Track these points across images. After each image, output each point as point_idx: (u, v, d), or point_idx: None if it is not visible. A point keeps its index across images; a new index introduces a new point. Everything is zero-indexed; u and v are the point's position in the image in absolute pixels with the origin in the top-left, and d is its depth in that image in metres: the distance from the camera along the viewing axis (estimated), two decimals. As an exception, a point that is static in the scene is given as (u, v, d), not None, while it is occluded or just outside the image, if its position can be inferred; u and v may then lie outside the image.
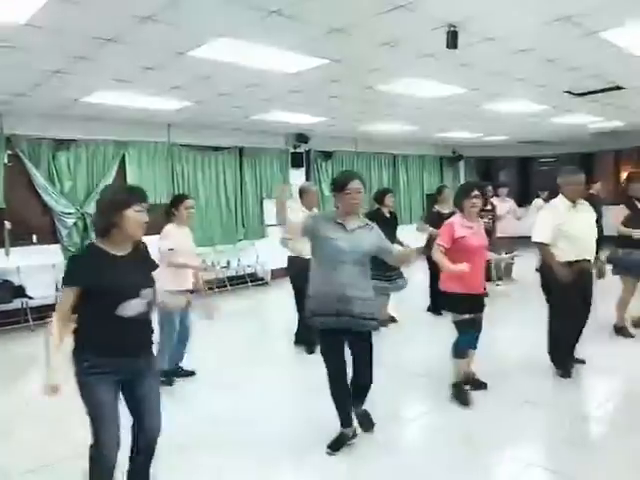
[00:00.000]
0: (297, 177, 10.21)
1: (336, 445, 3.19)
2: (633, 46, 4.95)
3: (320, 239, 3.13)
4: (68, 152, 7.50)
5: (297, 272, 4.86)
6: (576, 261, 4.15)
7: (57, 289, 6.77)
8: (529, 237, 4.34)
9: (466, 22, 4.10)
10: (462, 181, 14.12)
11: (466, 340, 3.88)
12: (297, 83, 5.90)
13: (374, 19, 3.95)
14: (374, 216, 5.10)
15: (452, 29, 4.16)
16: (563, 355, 4.34)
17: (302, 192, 5.32)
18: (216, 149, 9.18)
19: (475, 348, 3.97)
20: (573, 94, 7.22)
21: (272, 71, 5.31)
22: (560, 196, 4.34)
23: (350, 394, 3.27)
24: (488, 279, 7.15)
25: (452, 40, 4.19)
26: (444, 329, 4.24)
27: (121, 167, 8.08)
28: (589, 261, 4.26)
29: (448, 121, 9.37)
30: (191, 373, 4.71)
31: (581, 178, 4.26)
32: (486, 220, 6.86)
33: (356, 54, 4.88)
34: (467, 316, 3.81)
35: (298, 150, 10.29)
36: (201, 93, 6.25)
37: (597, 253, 4.61)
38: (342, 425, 3.25)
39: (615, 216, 5.44)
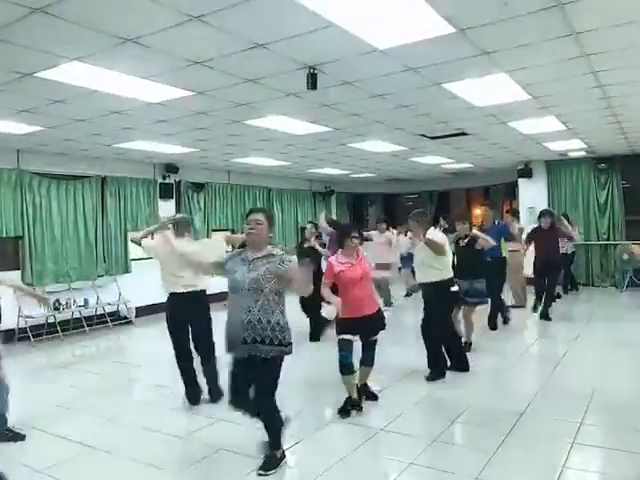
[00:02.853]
0: (166, 209, 9.84)
1: None
2: (472, 98, 5.56)
3: (229, 274, 3.34)
4: None
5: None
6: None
7: None
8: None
9: (324, 65, 4.31)
10: (334, 215, 14.67)
11: (341, 357, 4.20)
12: (161, 113, 5.73)
13: (235, 55, 3.98)
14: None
15: (312, 71, 4.34)
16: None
17: None
18: (75, 178, 8.52)
19: (369, 365, 4.39)
20: (427, 137, 7.89)
21: (133, 99, 5.09)
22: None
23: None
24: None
25: (312, 81, 4.37)
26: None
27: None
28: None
29: (318, 158, 9.71)
30: (19, 437, 3.97)
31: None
32: None
33: (220, 88, 4.86)
34: (346, 336, 4.20)
35: (167, 181, 9.95)
36: (54, 118, 5.78)
37: None
38: None
39: None
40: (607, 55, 4.25)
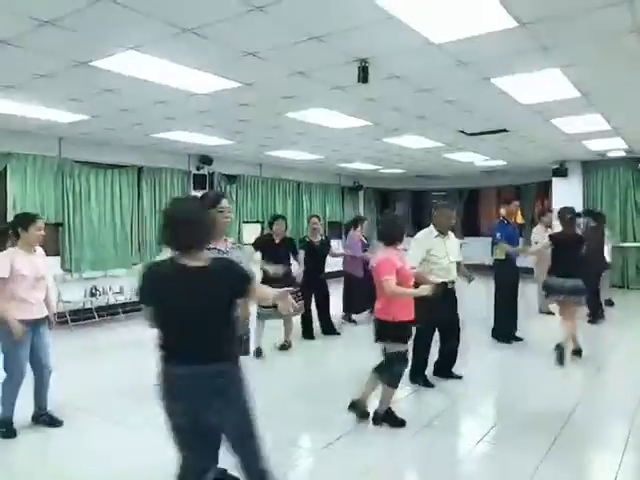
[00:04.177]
0: (199, 200, 9.91)
1: None
2: (519, 94, 5.47)
3: None
4: None
5: None
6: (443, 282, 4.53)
7: None
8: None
9: (376, 59, 4.28)
10: (362, 210, 14.64)
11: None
12: (206, 104, 5.76)
13: (289, 47, 3.98)
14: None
15: (363, 64, 4.31)
16: (420, 369, 4.79)
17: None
18: (113, 167, 8.65)
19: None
20: (465, 134, 7.80)
21: (181, 90, 5.13)
22: (431, 226, 4.88)
23: None
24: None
25: (363, 74, 4.33)
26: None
27: (2, 180, 7.35)
28: (453, 282, 4.77)
29: (351, 152, 9.68)
30: (57, 422, 3.98)
31: (449, 213, 4.87)
32: None
33: (269, 80, 4.87)
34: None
35: (201, 172, 10.03)
36: (101, 107, 5.87)
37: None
38: None
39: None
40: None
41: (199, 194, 9.98)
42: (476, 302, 7.06)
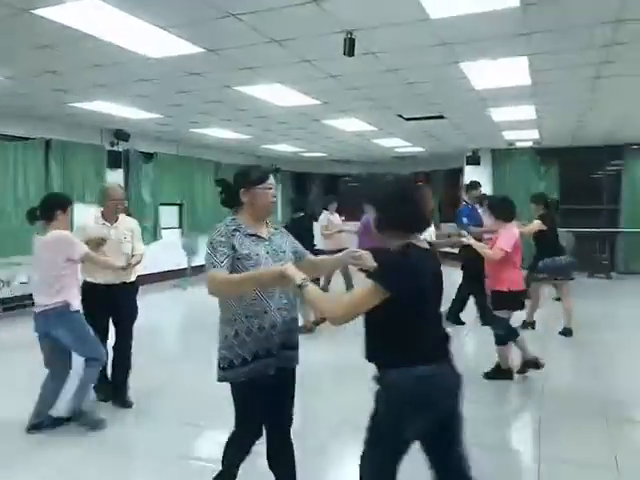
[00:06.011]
0: (115, 179, 9.02)
1: None
2: (477, 80, 5.59)
3: (240, 260, 2.25)
4: None
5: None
6: None
7: None
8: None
9: (362, 31, 4.06)
10: (279, 193, 14.35)
11: None
12: (152, 71, 5.15)
13: (280, 11, 3.64)
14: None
15: (350, 36, 4.09)
16: None
17: None
18: (16, 139, 7.52)
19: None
20: (403, 118, 7.87)
21: (131, 53, 4.52)
22: None
23: None
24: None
25: (350, 47, 4.11)
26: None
27: None
28: None
29: (282, 133, 9.36)
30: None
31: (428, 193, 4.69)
32: None
33: (237, 47, 4.44)
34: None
35: (116, 148, 9.12)
36: (25, 66, 4.99)
37: None
38: None
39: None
40: (628, 47, 4.40)
41: (115, 173, 9.11)
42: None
